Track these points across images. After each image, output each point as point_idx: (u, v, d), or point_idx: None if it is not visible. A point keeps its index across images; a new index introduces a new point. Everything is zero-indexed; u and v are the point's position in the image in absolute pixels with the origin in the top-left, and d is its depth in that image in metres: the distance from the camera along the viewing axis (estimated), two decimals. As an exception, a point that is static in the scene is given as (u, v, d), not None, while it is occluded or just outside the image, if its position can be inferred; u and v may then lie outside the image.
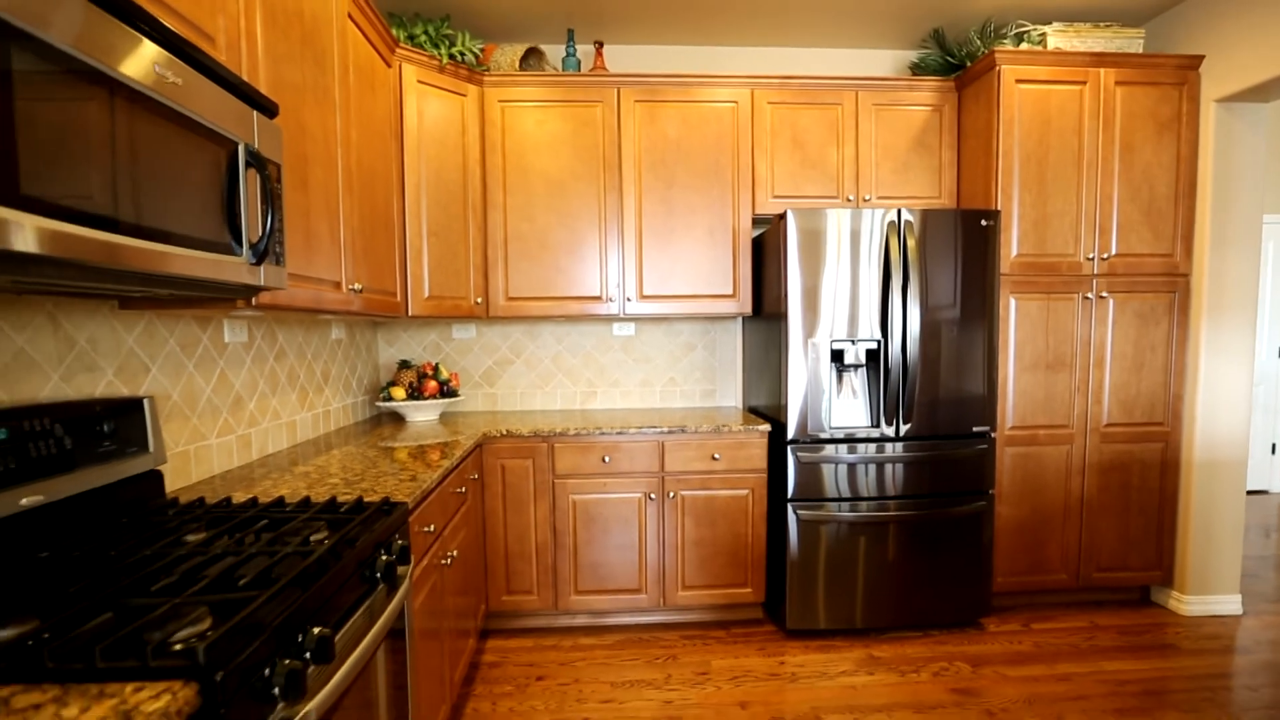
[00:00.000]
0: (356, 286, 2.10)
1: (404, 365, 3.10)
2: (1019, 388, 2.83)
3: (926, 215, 2.65)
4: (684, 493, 2.79)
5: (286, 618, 0.97)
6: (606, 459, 2.76)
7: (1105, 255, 2.81)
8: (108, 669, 0.79)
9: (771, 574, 2.89)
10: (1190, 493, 2.90)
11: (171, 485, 1.69)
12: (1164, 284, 2.85)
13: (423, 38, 2.70)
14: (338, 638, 1.16)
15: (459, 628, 2.20)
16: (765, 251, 2.97)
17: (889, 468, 2.71)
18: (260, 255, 1.34)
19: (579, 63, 3.12)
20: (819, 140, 3.05)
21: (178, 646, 0.83)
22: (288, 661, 0.93)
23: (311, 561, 1.11)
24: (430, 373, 3.05)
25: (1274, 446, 4.93)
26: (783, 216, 2.67)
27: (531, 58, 3.04)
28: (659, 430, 2.75)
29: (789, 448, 2.68)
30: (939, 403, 2.70)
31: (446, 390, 3.07)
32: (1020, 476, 2.87)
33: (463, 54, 2.79)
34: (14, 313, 1.26)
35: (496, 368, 3.39)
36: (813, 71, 3.42)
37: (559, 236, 3.01)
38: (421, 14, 2.93)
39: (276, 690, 0.90)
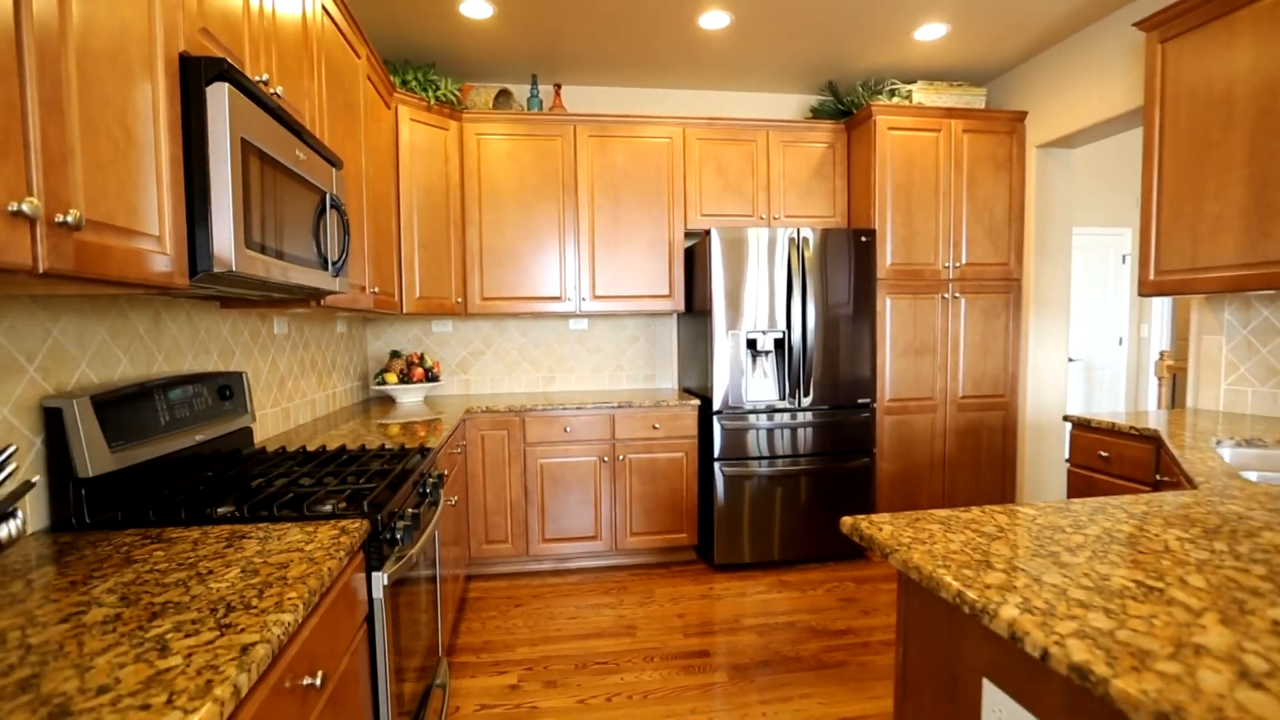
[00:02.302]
0: (375, 290, 2.65)
1: (395, 355, 3.63)
2: (894, 368, 3.60)
3: (821, 233, 3.37)
4: (631, 456, 3.44)
5: (391, 500, 1.56)
6: (568, 429, 3.38)
7: (958, 264, 3.62)
8: (312, 515, 1.37)
9: (702, 521, 3.57)
10: (1024, 449, 3.74)
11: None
12: (1002, 286, 3.69)
13: (414, 83, 3.25)
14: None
15: (454, 573, 2.78)
16: (695, 260, 3.64)
17: (793, 432, 3.43)
18: (338, 270, 1.91)
19: (541, 102, 3.72)
20: (738, 169, 3.74)
21: (344, 507, 1.42)
22: (401, 522, 1.53)
23: (393, 475, 1.69)
24: (418, 361, 3.59)
25: (1117, 420, 5.97)
26: (708, 233, 3.34)
27: (502, 98, 3.62)
28: (611, 405, 3.39)
29: (715, 418, 3.37)
30: (832, 380, 3.43)
31: (430, 376, 3.62)
32: (896, 438, 3.64)
33: (445, 96, 3.35)
34: (171, 311, 1.79)
35: (470, 357, 3.96)
36: (734, 113, 4.13)
37: (525, 247, 3.60)
38: (411, 61, 3.47)
39: (399, 536, 1.50)
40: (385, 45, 3.35)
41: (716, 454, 3.38)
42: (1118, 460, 2.37)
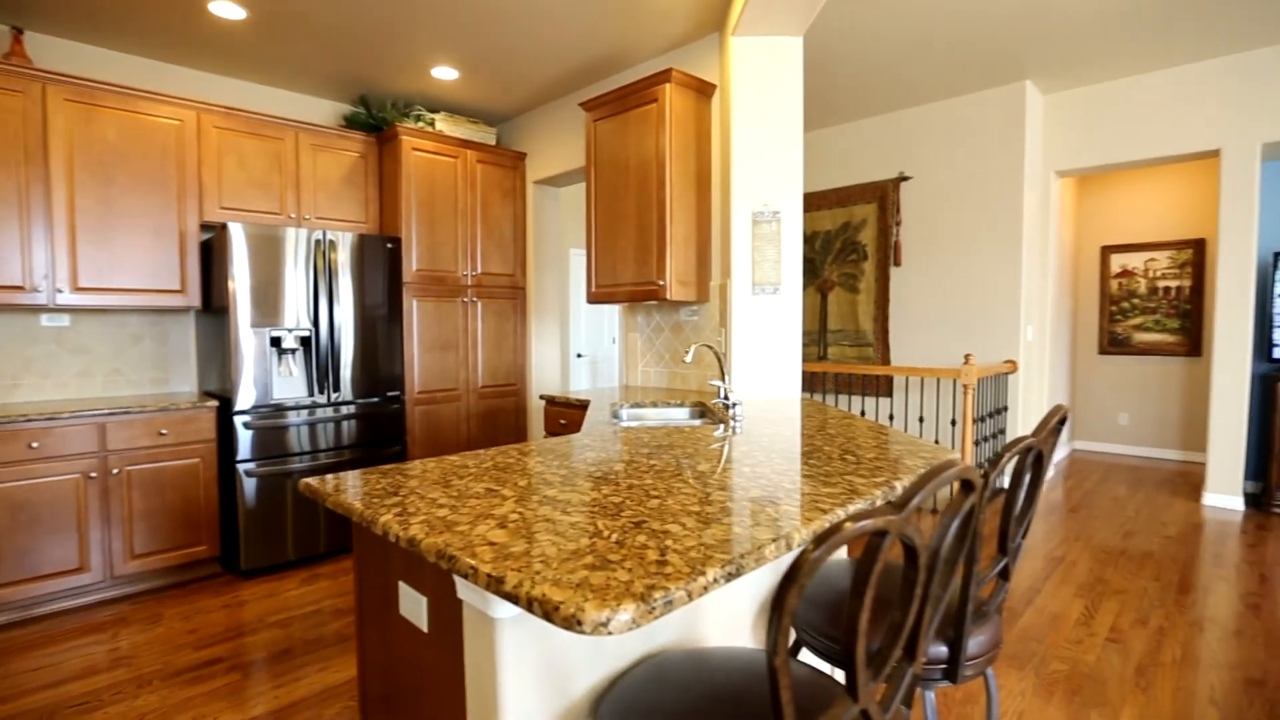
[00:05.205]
0: None
1: None
2: (422, 363, 4.01)
3: (352, 236, 3.56)
4: (130, 468, 3.07)
5: None
6: (35, 445, 2.84)
7: (475, 272, 4.23)
8: None
9: (227, 528, 3.39)
10: (532, 426, 4.57)
11: None
12: (511, 293, 4.45)
13: None
14: None
15: None
16: (214, 254, 3.43)
17: (329, 427, 3.54)
18: None
19: (-16, 46, 3.01)
20: (264, 166, 3.66)
21: None
22: None
23: None
24: None
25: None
26: (225, 227, 3.21)
27: (-89, 29, 2.81)
28: (99, 413, 2.97)
29: (237, 419, 3.25)
30: (363, 376, 3.65)
31: None
32: (427, 426, 4.06)
33: None
34: None
35: None
36: (261, 107, 4.00)
37: (-41, 223, 2.88)
38: None
39: None
40: None
41: (240, 456, 3.27)
42: (569, 423, 3.18)
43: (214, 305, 3.45)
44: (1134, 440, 6.06)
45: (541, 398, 3.36)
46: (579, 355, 6.05)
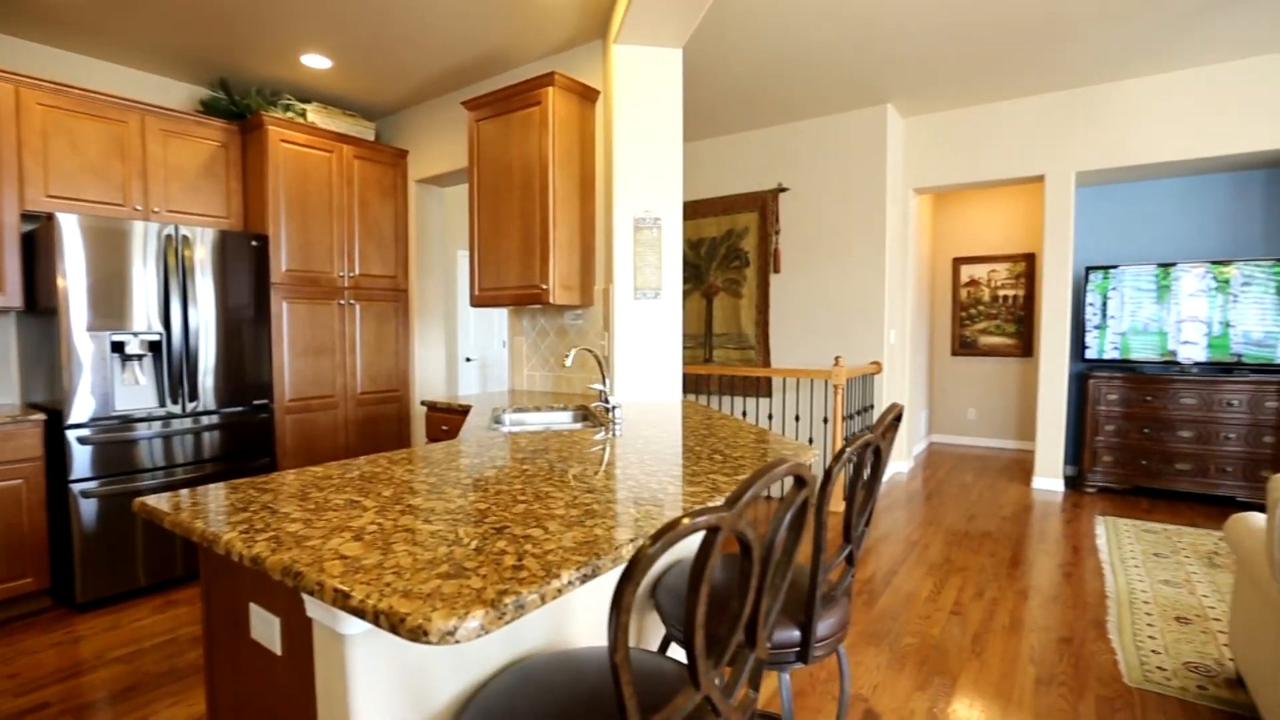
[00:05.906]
0: None
1: None
2: (294, 369, 3.78)
3: (211, 232, 3.30)
4: (-66, 492, 2.70)
5: None
6: None
7: (352, 274, 4.05)
8: None
9: (61, 557, 3.05)
10: (416, 432, 4.43)
11: None
12: (392, 295, 4.29)
13: None
14: None
15: None
16: (39, 248, 3.07)
17: (182, 440, 3.26)
18: None
19: None
20: (102, 151, 3.32)
21: None
22: None
23: None
24: None
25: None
26: (52, 217, 2.89)
27: None
28: (-108, 430, 2.59)
29: (70, 433, 2.93)
30: (223, 383, 3.40)
31: None
32: (300, 436, 3.83)
33: None
34: None
35: None
36: (100, 85, 3.62)
37: None
38: None
39: None
40: None
41: (74, 475, 2.94)
42: (450, 429, 3.12)
43: (40, 306, 3.09)
44: (981, 433, 6.71)
45: (423, 403, 3.27)
46: (468, 359, 5.92)
